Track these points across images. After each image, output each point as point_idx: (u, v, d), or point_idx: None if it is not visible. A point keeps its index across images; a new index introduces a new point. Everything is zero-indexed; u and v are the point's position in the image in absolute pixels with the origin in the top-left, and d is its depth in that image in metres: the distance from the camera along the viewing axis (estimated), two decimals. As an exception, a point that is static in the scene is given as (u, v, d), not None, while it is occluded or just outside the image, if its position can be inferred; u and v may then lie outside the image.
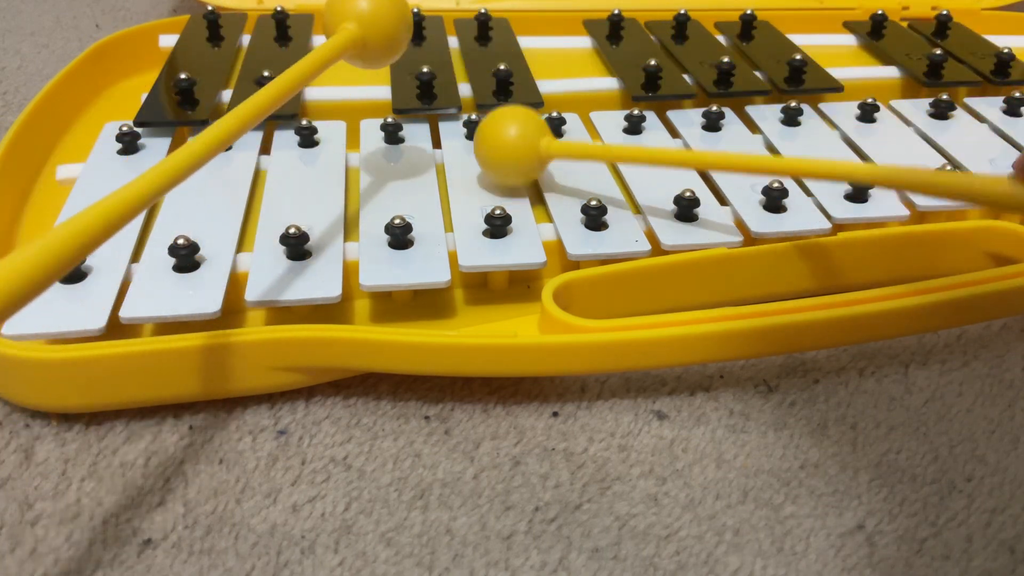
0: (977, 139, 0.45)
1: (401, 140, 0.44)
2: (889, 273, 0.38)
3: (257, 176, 0.41)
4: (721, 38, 0.57)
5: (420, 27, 0.54)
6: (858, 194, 0.39)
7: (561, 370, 0.34)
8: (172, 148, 0.42)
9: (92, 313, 0.31)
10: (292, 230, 0.34)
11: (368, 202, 0.38)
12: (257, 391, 0.33)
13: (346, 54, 0.36)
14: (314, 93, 0.47)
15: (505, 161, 0.38)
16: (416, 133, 0.44)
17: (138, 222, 0.37)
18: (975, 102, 0.49)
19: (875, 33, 0.58)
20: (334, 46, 0.34)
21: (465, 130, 0.44)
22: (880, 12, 0.59)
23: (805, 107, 0.47)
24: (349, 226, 0.37)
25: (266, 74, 0.44)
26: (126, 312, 0.31)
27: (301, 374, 0.33)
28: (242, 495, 0.30)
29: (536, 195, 0.40)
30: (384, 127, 0.43)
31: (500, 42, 0.54)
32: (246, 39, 0.53)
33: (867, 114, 0.47)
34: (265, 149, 0.43)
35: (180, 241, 0.33)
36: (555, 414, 0.34)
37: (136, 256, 0.35)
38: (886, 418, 0.34)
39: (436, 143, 0.44)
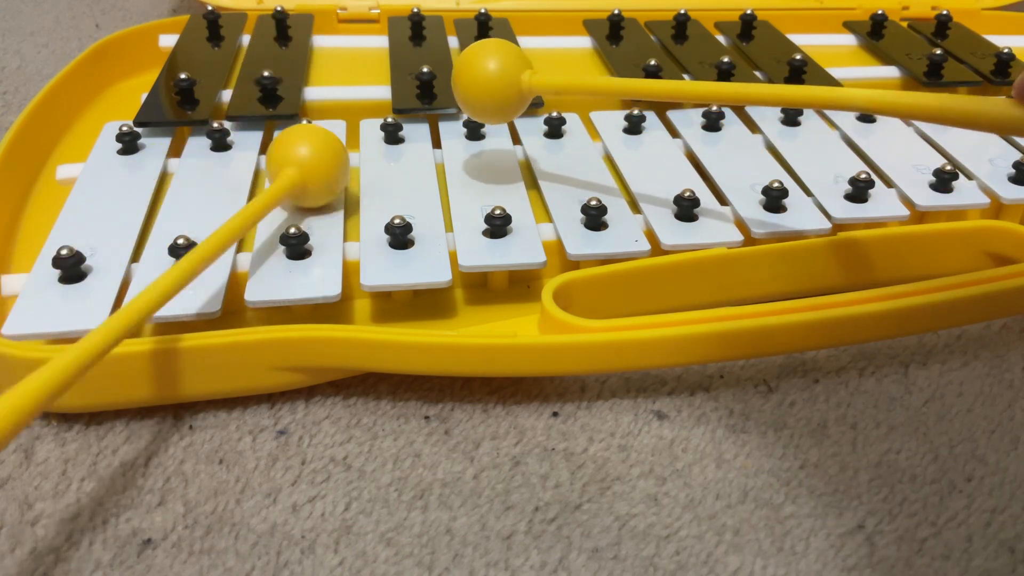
0: (977, 139, 0.45)
1: (401, 140, 0.43)
2: (889, 273, 0.38)
3: (257, 176, 0.41)
4: (721, 38, 0.57)
5: (420, 27, 0.54)
6: (858, 194, 0.39)
7: (561, 370, 0.34)
8: (172, 148, 0.42)
9: (92, 313, 0.31)
10: (293, 230, 0.34)
11: (368, 202, 0.38)
12: (257, 391, 0.33)
13: (288, 197, 0.36)
14: (314, 93, 0.47)
15: (484, 97, 0.37)
16: (416, 133, 0.44)
17: (138, 222, 0.37)
18: (975, 102, 0.49)
19: (875, 33, 0.58)
20: (276, 191, 0.35)
21: (465, 130, 0.44)
22: (880, 12, 0.59)
23: (805, 107, 0.47)
24: (349, 226, 0.37)
25: (266, 74, 0.44)
26: (126, 312, 0.31)
27: (301, 374, 0.33)
28: (242, 495, 0.30)
29: (536, 195, 0.40)
30: (384, 127, 0.43)
31: (500, 42, 0.54)
32: (246, 39, 0.53)
33: (867, 114, 0.47)
34: (265, 149, 0.43)
35: (180, 241, 0.33)
36: (555, 414, 0.34)
37: (136, 256, 0.35)
38: (886, 418, 0.34)
39: (436, 143, 0.44)
